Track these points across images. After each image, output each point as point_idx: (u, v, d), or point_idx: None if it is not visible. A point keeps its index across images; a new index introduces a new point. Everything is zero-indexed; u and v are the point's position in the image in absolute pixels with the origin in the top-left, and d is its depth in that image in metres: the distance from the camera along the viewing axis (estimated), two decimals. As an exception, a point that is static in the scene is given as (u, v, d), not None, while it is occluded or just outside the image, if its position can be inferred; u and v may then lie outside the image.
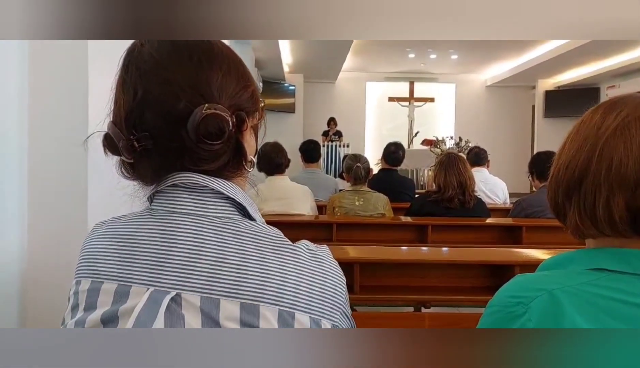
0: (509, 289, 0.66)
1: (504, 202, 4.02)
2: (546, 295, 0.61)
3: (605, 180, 0.61)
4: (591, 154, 0.63)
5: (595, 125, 0.64)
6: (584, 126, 0.66)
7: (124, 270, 0.60)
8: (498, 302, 0.66)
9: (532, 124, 10.91)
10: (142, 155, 0.60)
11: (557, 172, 0.68)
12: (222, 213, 0.62)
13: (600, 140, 0.63)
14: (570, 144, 0.67)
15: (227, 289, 0.57)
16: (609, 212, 0.61)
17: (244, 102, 0.64)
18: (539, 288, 0.62)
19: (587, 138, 0.64)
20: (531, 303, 0.61)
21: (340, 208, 3.08)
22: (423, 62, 9.87)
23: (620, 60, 8.19)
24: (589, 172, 0.63)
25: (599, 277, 0.62)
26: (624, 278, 0.61)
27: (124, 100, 0.61)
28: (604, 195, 0.62)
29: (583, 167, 0.64)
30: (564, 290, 0.61)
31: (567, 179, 0.66)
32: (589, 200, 0.63)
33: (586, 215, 0.64)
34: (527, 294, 0.62)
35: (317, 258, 0.62)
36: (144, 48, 0.62)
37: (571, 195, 0.66)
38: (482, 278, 2.13)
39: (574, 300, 0.60)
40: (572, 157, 0.65)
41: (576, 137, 0.67)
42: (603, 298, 0.60)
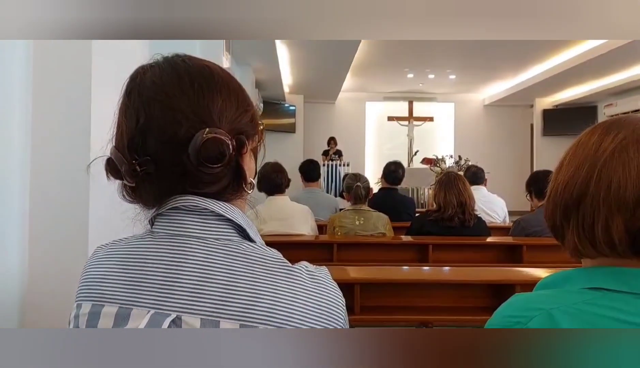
0: (507, 309, 0.67)
1: (503, 220, 4.02)
2: (544, 314, 0.62)
3: (604, 202, 0.62)
4: (590, 175, 0.64)
5: (593, 147, 0.65)
6: (581, 147, 0.67)
7: (125, 293, 0.61)
8: (497, 321, 0.66)
9: (531, 142, 10.95)
10: (144, 179, 0.61)
11: (554, 192, 0.68)
12: (221, 235, 0.63)
13: (599, 162, 0.63)
14: (568, 165, 0.67)
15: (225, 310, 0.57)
16: (608, 234, 0.62)
17: (244, 126, 0.65)
18: (537, 308, 0.63)
19: (585, 159, 0.65)
20: (529, 322, 0.62)
21: (340, 228, 3.08)
22: (422, 82, 9.96)
23: (617, 79, 8.26)
24: (587, 194, 0.63)
25: (596, 296, 0.62)
26: (621, 297, 0.61)
27: (127, 125, 0.62)
28: (602, 216, 0.62)
29: (582, 188, 0.64)
30: (561, 310, 0.62)
31: (566, 200, 0.66)
32: (588, 221, 0.64)
33: (585, 236, 0.64)
34: (525, 314, 0.63)
35: (316, 280, 0.62)
36: (147, 75, 0.64)
37: (569, 216, 0.66)
38: (484, 298, 2.12)
39: (570, 319, 0.61)
40: (570, 178, 0.66)
41: (574, 157, 0.67)
42: (600, 317, 0.60)
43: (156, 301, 0.59)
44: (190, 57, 0.67)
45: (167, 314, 0.58)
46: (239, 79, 0.70)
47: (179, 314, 0.58)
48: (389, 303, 2.07)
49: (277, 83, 8.51)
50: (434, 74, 9.30)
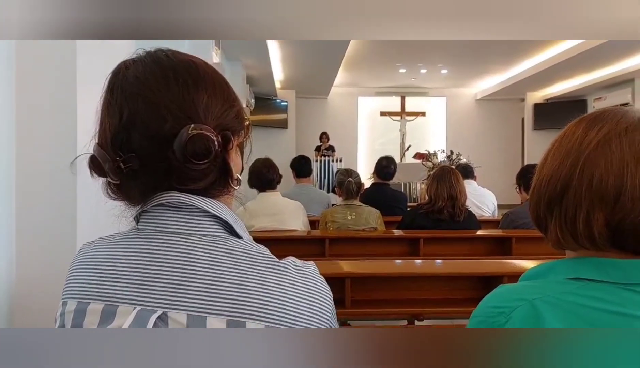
0: (492, 300, 0.68)
1: (492, 213, 4.05)
2: (527, 304, 0.63)
3: (586, 196, 0.62)
4: (573, 168, 0.64)
5: (577, 140, 0.65)
6: (566, 140, 0.67)
7: (110, 290, 0.61)
8: (481, 312, 0.68)
9: (522, 136, 11.01)
10: (129, 176, 0.61)
11: (539, 185, 0.69)
12: (208, 231, 0.62)
13: (582, 156, 0.64)
14: (552, 157, 0.68)
15: (212, 306, 0.58)
16: (589, 227, 0.63)
17: (230, 122, 0.65)
18: (520, 299, 0.64)
19: (569, 152, 0.65)
20: (512, 313, 0.63)
21: (332, 223, 3.10)
22: (414, 77, 9.98)
23: (606, 73, 8.32)
24: (570, 187, 0.64)
25: (578, 286, 0.64)
26: (602, 287, 0.63)
27: (110, 122, 0.62)
28: (584, 210, 0.63)
29: (565, 181, 0.65)
30: (544, 300, 0.63)
31: (549, 192, 0.67)
32: (570, 214, 0.64)
33: (567, 228, 0.65)
34: (509, 304, 0.64)
35: (303, 274, 0.63)
36: (129, 70, 0.63)
37: (552, 209, 0.67)
38: (474, 290, 2.14)
39: (553, 309, 0.62)
40: (555, 171, 0.66)
41: (558, 150, 0.67)
42: (582, 307, 0.62)
43: (142, 298, 0.59)
44: (174, 52, 0.66)
45: (153, 310, 0.58)
46: (229, 75, 0.70)
47: (165, 310, 0.58)
48: (380, 297, 2.08)
49: (268, 78, 8.48)
50: (426, 69, 9.31)
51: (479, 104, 11.36)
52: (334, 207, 3.29)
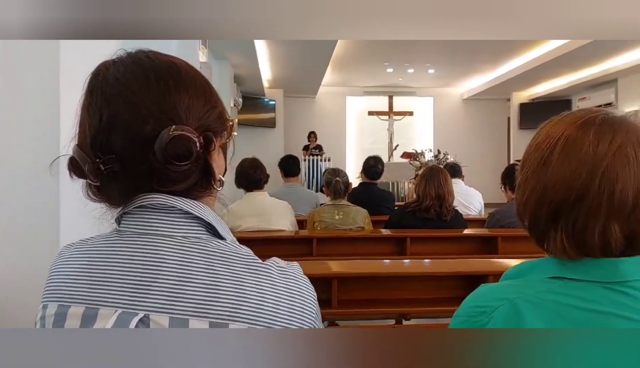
0: (473, 299, 0.69)
1: (479, 212, 4.09)
2: (508, 304, 0.64)
3: (605, 207, 0.62)
4: (590, 179, 0.63)
5: (590, 149, 0.64)
6: (573, 146, 0.65)
7: (91, 293, 0.60)
8: (463, 312, 0.68)
9: (507, 135, 11.13)
10: (109, 177, 0.60)
11: (541, 192, 0.67)
12: (190, 233, 0.62)
13: (600, 167, 0.63)
14: (559, 164, 0.66)
15: (196, 308, 0.57)
16: (605, 238, 0.63)
17: (212, 123, 0.64)
18: (501, 298, 0.65)
19: (582, 161, 0.64)
20: (494, 312, 0.64)
21: (320, 223, 3.10)
22: (401, 76, 10.02)
23: (590, 73, 8.44)
24: (585, 197, 0.63)
25: (558, 285, 0.65)
26: (581, 285, 0.64)
27: (90, 123, 0.61)
28: (601, 222, 0.62)
29: (580, 191, 0.63)
30: (524, 299, 0.64)
31: (558, 201, 0.65)
32: (580, 225, 0.63)
33: (574, 238, 0.64)
34: (490, 304, 0.65)
35: (286, 275, 0.62)
36: (109, 71, 0.62)
37: (558, 217, 0.65)
38: (460, 289, 2.16)
39: (534, 308, 0.63)
40: (567, 180, 0.64)
41: (567, 157, 0.65)
42: (561, 305, 0.63)
43: (125, 301, 0.58)
44: (155, 53, 0.65)
45: (134, 313, 0.57)
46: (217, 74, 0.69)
47: (147, 313, 0.57)
48: (367, 297, 2.09)
49: (256, 78, 8.45)
50: (413, 69, 9.36)
51: (465, 103, 11.44)
52: (322, 207, 3.30)
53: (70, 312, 0.60)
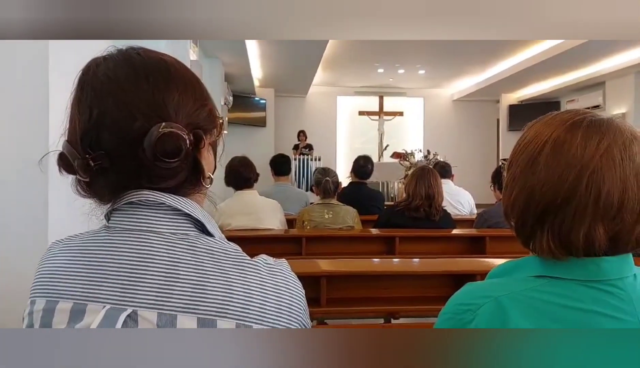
0: (459, 297, 0.70)
1: (470, 212, 4.11)
2: (492, 302, 0.65)
3: (592, 209, 0.63)
4: (577, 181, 0.64)
5: (577, 151, 0.65)
6: (561, 148, 0.66)
7: (80, 288, 0.60)
8: (449, 310, 0.70)
9: (497, 136, 11.22)
10: (99, 173, 0.60)
11: (529, 193, 0.67)
12: (179, 230, 0.62)
13: (587, 169, 0.63)
14: (547, 166, 0.66)
15: (184, 304, 0.58)
16: (590, 240, 0.64)
17: (201, 120, 0.65)
18: (486, 296, 0.66)
19: (570, 164, 0.65)
20: (479, 310, 0.66)
21: (309, 222, 3.10)
22: (392, 77, 10.05)
23: (578, 76, 8.54)
24: (572, 199, 0.64)
25: (542, 284, 0.66)
26: (565, 284, 0.65)
27: (80, 119, 0.61)
28: (587, 223, 0.63)
29: (567, 193, 0.64)
30: (509, 296, 0.65)
31: (545, 203, 0.66)
32: (567, 226, 0.64)
33: (560, 240, 0.65)
34: (475, 301, 0.66)
35: (274, 272, 0.63)
36: (99, 68, 0.62)
37: (545, 218, 0.66)
38: (448, 288, 2.18)
39: (518, 306, 0.64)
40: (554, 182, 0.65)
41: (554, 159, 0.66)
42: (545, 303, 0.64)
43: (114, 296, 0.58)
44: (146, 50, 0.66)
45: (122, 309, 0.58)
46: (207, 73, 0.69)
47: (135, 309, 0.57)
48: (356, 295, 2.10)
49: (247, 76, 8.43)
50: (403, 69, 9.40)
51: (455, 104, 11.52)
52: (311, 206, 3.30)
53: (59, 308, 0.60)
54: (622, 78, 8.00)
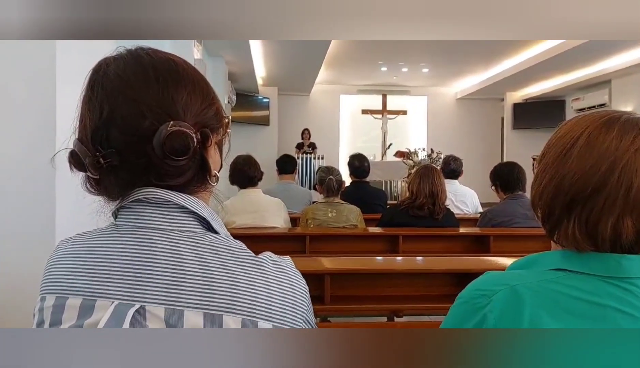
0: (477, 283, 0.71)
1: (475, 211, 4.11)
2: (508, 289, 0.66)
3: (621, 201, 0.63)
4: (608, 173, 0.64)
5: (612, 144, 0.66)
6: (596, 141, 0.67)
7: (88, 285, 0.61)
8: (466, 294, 0.71)
9: (501, 135, 11.19)
10: (108, 171, 0.61)
11: (559, 182, 0.68)
12: (185, 227, 0.63)
13: (619, 162, 0.64)
14: (579, 157, 0.67)
15: (191, 300, 0.59)
16: (617, 232, 0.64)
17: (209, 119, 0.66)
18: (503, 283, 0.68)
19: (603, 156, 0.65)
20: (494, 296, 0.67)
21: (313, 220, 3.11)
22: (395, 75, 10.04)
23: (584, 74, 8.50)
24: (602, 191, 0.64)
25: (559, 276, 0.67)
26: (583, 278, 0.66)
27: (90, 118, 0.62)
28: (615, 215, 0.64)
29: (597, 184, 0.65)
30: (525, 286, 0.66)
31: (574, 192, 0.66)
32: (594, 217, 0.65)
33: (587, 230, 0.66)
34: (491, 288, 0.68)
35: (280, 268, 0.64)
36: (110, 67, 0.64)
37: (573, 207, 0.67)
38: (452, 286, 2.18)
39: (533, 295, 0.65)
40: (585, 172, 0.66)
41: (587, 151, 0.67)
42: (561, 295, 0.65)
43: (122, 292, 0.59)
44: (155, 50, 0.67)
45: (131, 304, 0.59)
46: (211, 71, 0.70)
47: (143, 304, 0.58)
48: (359, 293, 2.11)
49: (250, 75, 8.44)
50: (407, 68, 9.38)
51: (459, 103, 11.49)
52: (315, 205, 3.31)
53: (68, 304, 0.61)
54: (628, 76, 7.95)
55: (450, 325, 0.71)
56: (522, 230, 2.91)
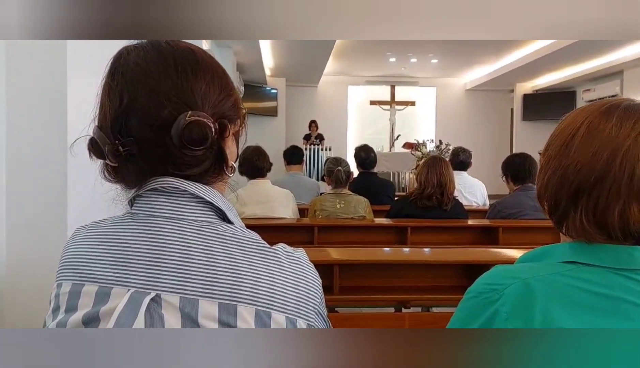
0: (487, 277, 0.70)
1: (483, 204, 4.09)
2: (519, 283, 0.66)
3: (625, 188, 0.63)
4: (610, 160, 0.64)
5: (612, 131, 0.65)
6: (595, 130, 0.67)
7: (105, 273, 0.62)
8: (476, 288, 0.70)
9: (511, 126, 11.10)
10: (127, 159, 0.62)
11: (562, 173, 0.68)
12: (200, 217, 0.64)
13: (621, 149, 0.64)
14: (581, 147, 0.67)
15: (205, 289, 0.59)
16: (624, 220, 0.64)
17: (227, 110, 0.67)
18: (514, 277, 0.67)
19: (604, 144, 0.65)
20: (505, 290, 0.66)
21: (321, 211, 3.11)
22: (404, 66, 9.98)
23: (595, 65, 8.40)
24: (606, 178, 0.64)
25: (570, 269, 0.67)
26: (594, 270, 0.66)
27: (110, 106, 0.63)
28: (621, 202, 0.63)
29: (600, 172, 0.64)
30: (536, 279, 0.66)
31: (578, 182, 0.66)
32: (602, 206, 0.64)
33: (595, 219, 0.65)
34: (502, 282, 0.67)
35: (294, 260, 0.65)
36: (130, 56, 0.64)
37: (579, 198, 0.66)
38: (460, 278, 2.18)
39: (545, 288, 0.65)
40: (588, 161, 0.66)
41: (588, 140, 0.67)
42: (573, 288, 0.65)
43: (138, 280, 0.60)
44: (175, 40, 0.67)
45: (146, 292, 0.59)
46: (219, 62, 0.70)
47: (158, 292, 0.59)
48: (368, 284, 2.11)
49: (258, 66, 8.42)
50: (416, 58, 9.31)
51: (468, 94, 11.40)
52: (323, 196, 3.31)
53: (84, 290, 0.62)
54: (640, 67, 7.85)
55: (461, 320, 0.70)
56: (532, 222, 2.90)
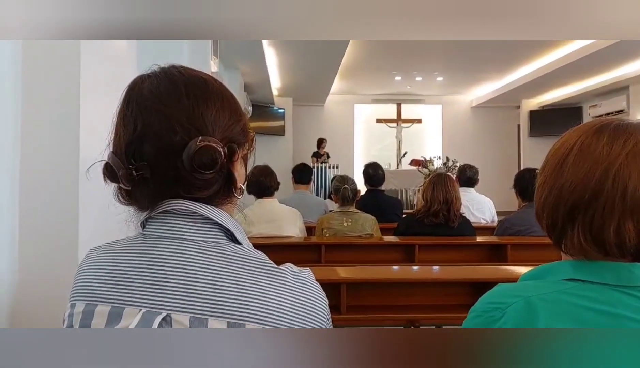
0: (490, 296, 0.71)
1: (491, 220, 4.06)
2: (522, 301, 0.66)
3: (619, 205, 0.64)
4: (603, 178, 0.65)
5: (604, 150, 0.67)
6: (588, 149, 0.68)
7: (117, 293, 0.64)
8: (479, 307, 0.71)
9: (518, 142, 11.08)
10: (140, 183, 0.65)
11: (558, 191, 0.69)
12: (210, 238, 0.66)
13: (613, 166, 0.65)
14: (574, 165, 0.68)
15: (214, 308, 0.61)
16: (620, 236, 0.64)
17: (236, 135, 0.69)
18: (516, 295, 0.67)
19: (597, 161, 0.66)
20: (508, 308, 0.67)
21: (328, 230, 3.12)
22: (409, 84, 10.04)
23: (601, 80, 8.40)
24: (600, 196, 0.65)
25: (573, 287, 0.67)
26: (596, 288, 0.66)
27: (125, 132, 0.66)
28: (616, 219, 0.64)
29: (594, 190, 0.66)
30: (538, 297, 0.66)
31: (574, 200, 0.67)
32: (597, 223, 0.65)
33: (592, 236, 0.66)
34: (505, 300, 0.68)
35: (300, 280, 0.66)
36: (144, 84, 0.68)
37: (575, 216, 0.68)
38: (468, 296, 2.16)
39: (547, 307, 0.65)
40: (581, 179, 0.67)
41: (582, 158, 0.68)
42: (575, 306, 0.65)
43: (149, 300, 0.62)
44: (186, 68, 0.71)
45: (158, 312, 0.61)
46: (227, 83, 0.73)
47: (169, 312, 0.61)
48: (375, 303, 2.10)
49: (265, 86, 8.52)
50: (421, 76, 9.38)
51: (474, 111, 11.43)
52: (330, 214, 3.32)
53: (97, 311, 0.64)
54: (647, 82, 7.84)
55: None
56: (540, 239, 2.88)
